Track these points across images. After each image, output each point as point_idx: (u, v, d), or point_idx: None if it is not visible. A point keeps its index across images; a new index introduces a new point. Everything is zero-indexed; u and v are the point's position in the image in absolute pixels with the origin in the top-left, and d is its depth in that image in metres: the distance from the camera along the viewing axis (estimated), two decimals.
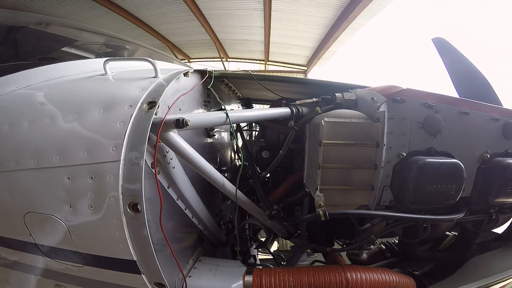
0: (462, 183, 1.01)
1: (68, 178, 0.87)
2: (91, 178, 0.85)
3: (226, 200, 1.79)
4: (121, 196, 0.81)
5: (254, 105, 2.07)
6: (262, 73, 2.67)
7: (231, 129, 1.19)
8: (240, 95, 2.04)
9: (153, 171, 0.87)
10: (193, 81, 1.24)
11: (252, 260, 1.50)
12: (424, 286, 1.35)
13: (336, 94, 1.10)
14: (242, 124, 1.65)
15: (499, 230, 1.51)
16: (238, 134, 1.49)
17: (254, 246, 1.90)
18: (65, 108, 0.98)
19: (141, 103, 0.90)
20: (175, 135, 0.90)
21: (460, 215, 1.18)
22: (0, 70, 1.29)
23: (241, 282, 1.04)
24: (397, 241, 1.66)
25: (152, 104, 0.88)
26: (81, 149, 0.86)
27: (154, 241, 0.84)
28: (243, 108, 2.04)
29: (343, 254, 1.61)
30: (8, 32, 1.85)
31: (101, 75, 1.20)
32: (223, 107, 1.09)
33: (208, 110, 1.43)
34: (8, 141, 0.97)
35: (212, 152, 1.56)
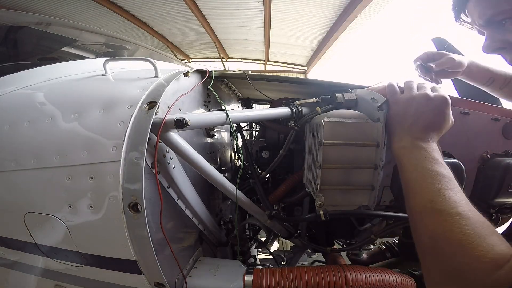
0: (463, 183, 1.01)
1: (68, 178, 0.87)
2: (91, 178, 0.84)
3: (226, 200, 1.79)
4: (121, 196, 0.80)
5: (254, 105, 2.06)
6: (262, 73, 2.66)
7: (231, 129, 1.19)
8: (240, 95, 2.03)
9: (153, 171, 0.87)
10: (193, 81, 1.24)
11: (252, 260, 1.50)
12: (424, 286, 1.34)
13: (336, 94, 1.09)
14: (242, 124, 1.65)
15: (499, 230, 1.51)
16: (238, 134, 1.49)
17: (254, 246, 1.89)
18: (65, 108, 0.98)
19: (141, 103, 0.89)
20: (175, 135, 0.89)
21: None
22: (0, 70, 1.29)
23: (241, 282, 1.04)
24: (397, 241, 1.66)
25: (152, 104, 0.88)
26: (81, 149, 0.86)
27: (154, 241, 0.83)
28: (243, 108, 2.03)
29: (343, 254, 1.61)
30: (8, 32, 1.85)
31: (101, 75, 1.20)
32: (223, 107, 1.09)
33: (208, 110, 1.43)
34: (8, 141, 0.97)
35: (212, 152, 1.56)
